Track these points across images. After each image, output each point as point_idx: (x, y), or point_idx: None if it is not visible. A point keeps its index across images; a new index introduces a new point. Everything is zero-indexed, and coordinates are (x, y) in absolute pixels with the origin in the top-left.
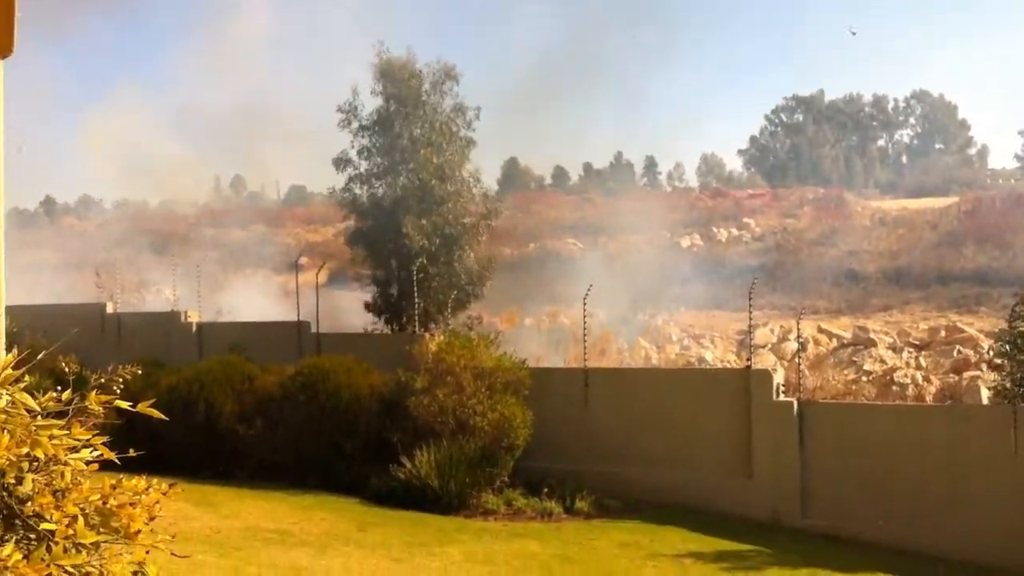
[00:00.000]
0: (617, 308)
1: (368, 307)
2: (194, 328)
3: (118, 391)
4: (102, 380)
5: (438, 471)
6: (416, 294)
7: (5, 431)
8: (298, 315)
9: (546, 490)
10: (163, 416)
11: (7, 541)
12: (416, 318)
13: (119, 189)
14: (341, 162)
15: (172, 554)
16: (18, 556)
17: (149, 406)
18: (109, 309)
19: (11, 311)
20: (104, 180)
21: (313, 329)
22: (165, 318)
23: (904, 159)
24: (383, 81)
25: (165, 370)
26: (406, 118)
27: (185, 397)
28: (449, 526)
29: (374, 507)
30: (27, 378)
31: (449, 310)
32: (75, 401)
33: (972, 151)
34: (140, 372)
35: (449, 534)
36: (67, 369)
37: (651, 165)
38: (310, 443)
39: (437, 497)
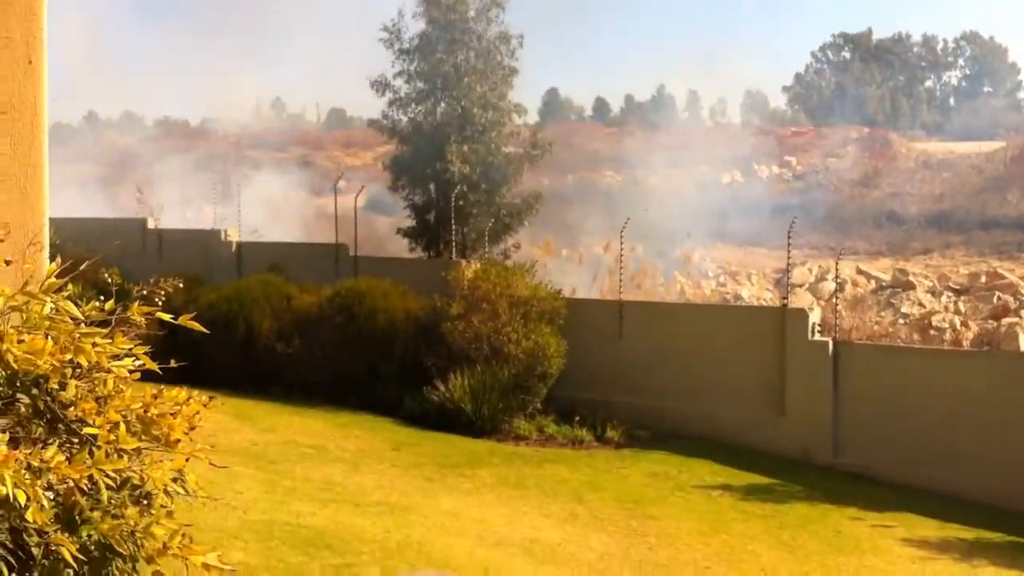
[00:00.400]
0: (654, 242)
1: (405, 232)
2: (234, 247)
3: (159, 303)
4: (144, 292)
5: (472, 395)
6: (454, 221)
7: (49, 337)
8: (336, 237)
9: (577, 418)
10: (204, 329)
11: (50, 444)
12: (454, 245)
13: (161, 106)
14: (380, 85)
15: (211, 463)
16: (61, 458)
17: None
18: (150, 224)
19: (54, 223)
20: (146, 95)
21: (352, 252)
22: (205, 235)
23: (952, 101)
24: (426, 5)
25: (205, 287)
26: (450, 44)
27: (225, 314)
28: (481, 449)
29: (408, 427)
30: (70, 287)
31: (487, 239)
32: (117, 311)
33: (1021, 95)
34: (181, 286)
35: (480, 457)
36: (110, 280)
37: (693, 99)
38: (346, 363)
39: (470, 421)
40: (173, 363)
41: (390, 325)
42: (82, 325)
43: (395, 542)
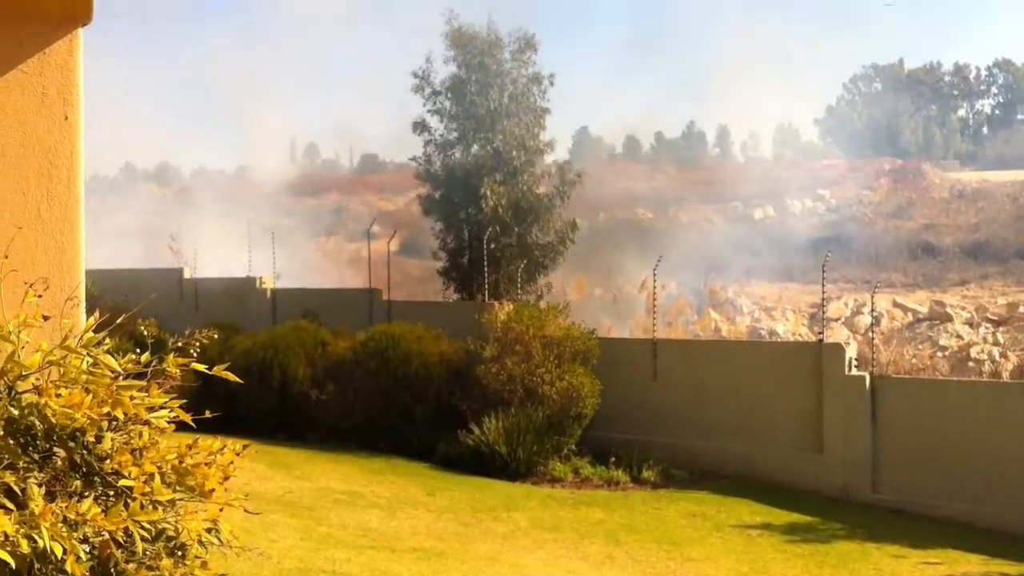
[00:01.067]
0: (687, 279)
1: (439, 272)
2: (269, 294)
3: (195, 354)
4: (179, 344)
5: (506, 438)
6: (486, 263)
7: (87, 391)
8: (370, 282)
9: (613, 459)
10: (238, 379)
11: (86, 497)
12: (486, 287)
13: (197, 155)
14: (419, 126)
15: (245, 510)
16: (97, 510)
17: (224, 369)
18: (187, 274)
19: (92, 275)
20: (183, 146)
21: (385, 296)
22: (241, 283)
23: (985, 130)
24: (456, 49)
25: (240, 335)
26: (483, 87)
27: (260, 362)
28: (516, 492)
29: (442, 472)
30: (108, 341)
31: (520, 281)
32: (153, 364)
33: None
34: (216, 336)
35: (516, 500)
36: (146, 332)
37: (723, 134)
38: (380, 408)
39: (504, 464)
40: (208, 414)
41: (424, 369)
42: (120, 378)
43: None
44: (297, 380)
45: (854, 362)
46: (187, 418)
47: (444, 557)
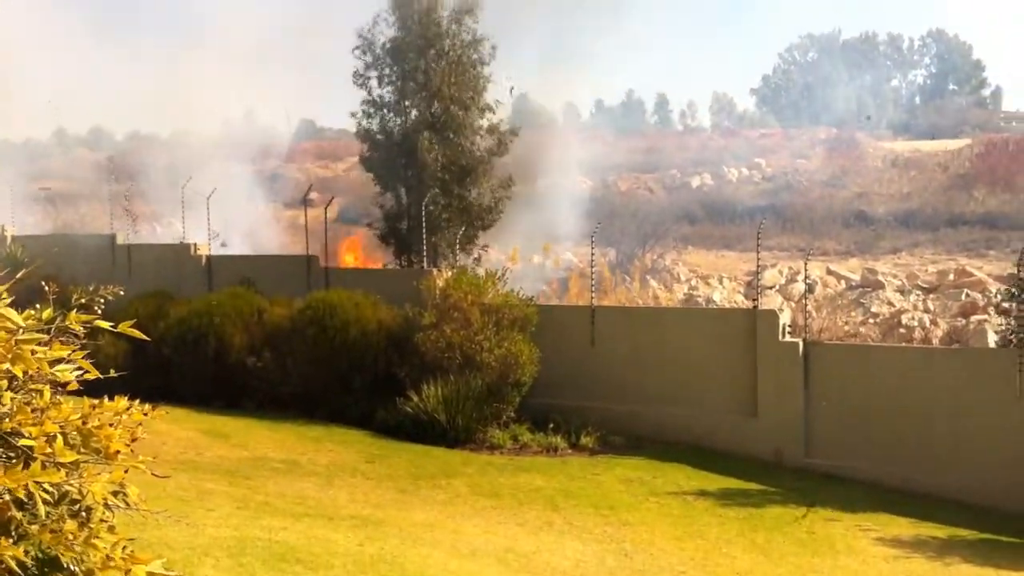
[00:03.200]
0: (625, 246)
1: (379, 239)
2: (204, 260)
3: (99, 311)
4: (83, 300)
5: (445, 405)
6: (425, 226)
7: None
8: (307, 249)
9: (552, 426)
10: (144, 336)
11: None
12: (425, 253)
13: (130, 120)
14: (360, 77)
15: (153, 474)
16: None
17: (153, 337)
18: (119, 240)
19: (22, 239)
20: (116, 111)
21: (322, 264)
22: (175, 250)
23: (917, 100)
24: (398, 12)
25: (175, 302)
26: (421, 50)
27: (195, 329)
28: (455, 459)
29: (381, 439)
30: (6, 295)
31: (458, 245)
32: (57, 320)
33: (986, 92)
34: (123, 293)
35: (455, 467)
36: (47, 289)
37: (662, 103)
38: (318, 376)
39: (444, 431)
40: (113, 372)
41: (362, 336)
42: (22, 332)
43: (368, 555)
44: (234, 348)
45: (787, 328)
46: (95, 372)
47: (382, 524)
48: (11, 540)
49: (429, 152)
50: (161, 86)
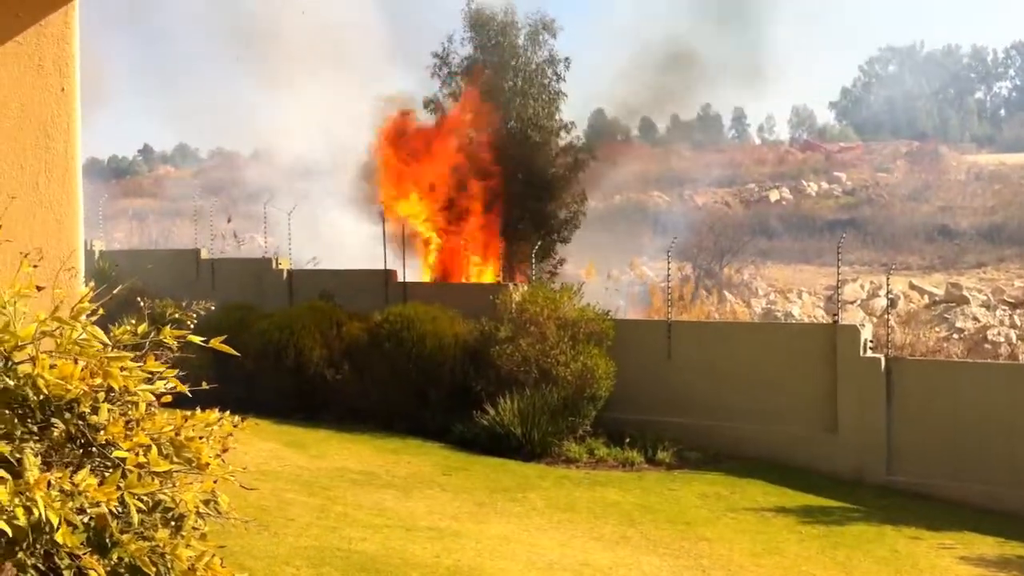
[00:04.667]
0: (703, 261)
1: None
2: (285, 275)
3: (191, 326)
4: (176, 315)
5: (521, 419)
6: (502, 244)
7: (78, 362)
8: (385, 263)
9: (628, 440)
10: (235, 352)
11: (82, 467)
12: (501, 268)
13: (214, 139)
14: (430, 104)
15: (241, 486)
16: (92, 481)
17: (236, 349)
18: (204, 255)
19: (109, 255)
20: (200, 129)
21: (400, 278)
22: (257, 264)
23: (1003, 112)
24: (474, 31)
25: (257, 315)
26: (498, 68)
27: (276, 342)
28: (531, 473)
29: (458, 452)
30: (100, 311)
31: (534, 259)
32: (151, 335)
33: None
34: (213, 308)
35: (531, 480)
36: (142, 304)
37: (739, 117)
38: (396, 389)
39: (520, 444)
40: (205, 385)
41: (439, 350)
42: (111, 349)
43: (445, 567)
44: (313, 361)
45: (869, 344)
46: (184, 389)
47: (459, 537)
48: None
49: (507, 178)
50: (244, 104)
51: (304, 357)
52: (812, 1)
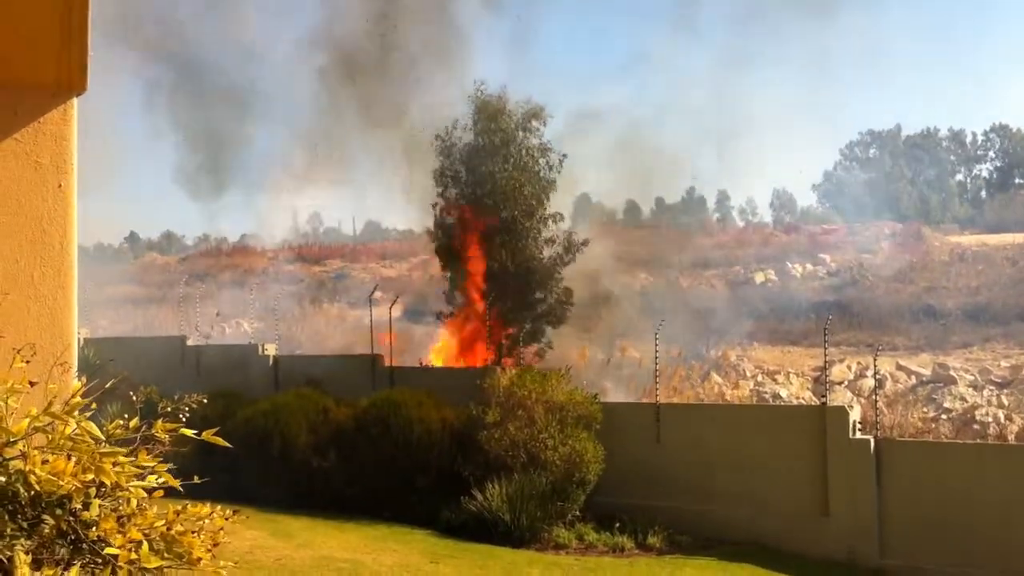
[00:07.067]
0: (689, 344)
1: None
2: (271, 361)
3: (183, 420)
4: (168, 408)
5: (509, 504)
6: (488, 328)
7: (71, 458)
8: (372, 348)
9: (618, 525)
10: (227, 444)
11: (73, 565)
12: (488, 338)
13: (200, 225)
14: (442, 176)
15: None
16: None
17: (221, 437)
18: (189, 342)
19: (94, 343)
20: (186, 216)
21: (387, 363)
22: (243, 351)
23: (983, 194)
24: (478, 117)
25: (242, 402)
26: (493, 155)
27: (261, 429)
28: (520, 559)
29: (445, 539)
30: (93, 406)
31: (520, 341)
32: (143, 429)
33: None
34: (205, 401)
35: (520, 567)
36: (134, 397)
37: (723, 199)
38: (383, 475)
39: (508, 530)
40: (197, 479)
41: (426, 435)
42: (104, 445)
43: None
44: (299, 448)
45: (858, 425)
46: (176, 484)
47: None
48: None
49: (496, 258)
50: (233, 191)
51: (290, 444)
52: (789, 92)
